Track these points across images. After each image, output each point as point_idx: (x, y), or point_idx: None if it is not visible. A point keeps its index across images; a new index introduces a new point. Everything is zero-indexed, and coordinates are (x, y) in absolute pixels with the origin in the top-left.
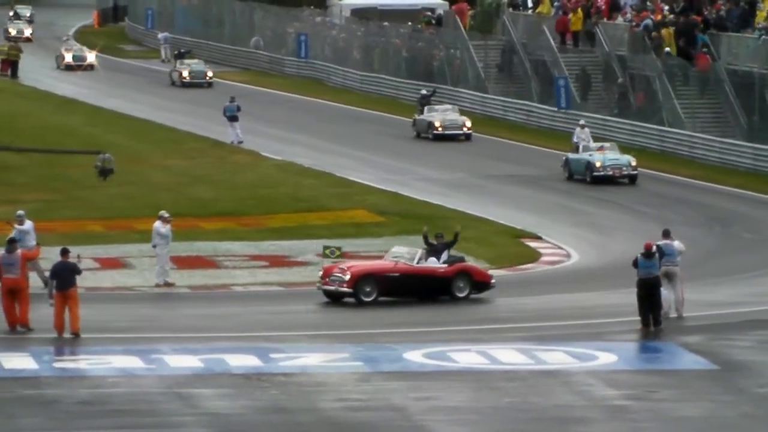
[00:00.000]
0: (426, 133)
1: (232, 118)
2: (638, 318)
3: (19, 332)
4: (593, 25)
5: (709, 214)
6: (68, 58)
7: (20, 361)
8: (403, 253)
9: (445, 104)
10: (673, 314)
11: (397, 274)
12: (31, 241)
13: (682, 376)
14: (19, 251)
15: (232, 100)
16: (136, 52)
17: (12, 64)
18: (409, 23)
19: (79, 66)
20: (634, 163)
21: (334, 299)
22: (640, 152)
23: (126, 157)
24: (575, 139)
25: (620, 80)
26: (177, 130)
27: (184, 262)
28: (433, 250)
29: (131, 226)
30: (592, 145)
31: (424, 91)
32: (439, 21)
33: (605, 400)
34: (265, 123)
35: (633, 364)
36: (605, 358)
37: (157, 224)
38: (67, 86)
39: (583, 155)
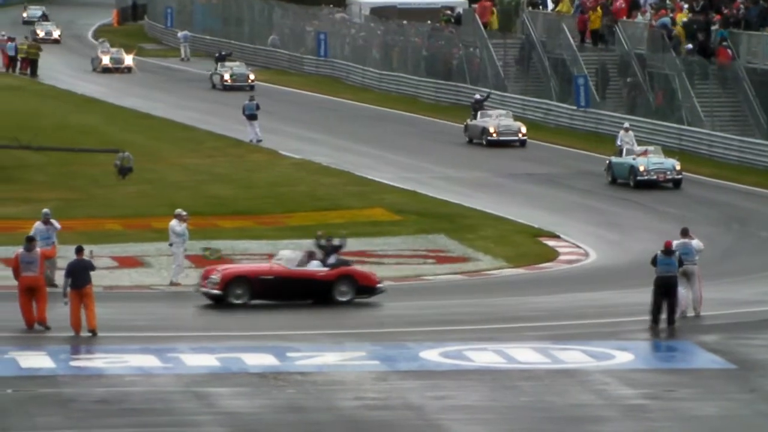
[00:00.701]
0: (479, 139)
1: (251, 117)
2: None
3: (36, 331)
4: (609, 24)
5: (728, 212)
6: (106, 60)
7: (37, 360)
8: (286, 256)
9: (498, 109)
10: (690, 313)
11: (271, 277)
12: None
13: (699, 375)
14: (38, 249)
15: (252, 98)
16: (156, 51)
17: (31, 63)
18: (429, 21)
19: (116, 69)
20: (678, 167)
21: (214, 301)
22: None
23: (144, 155)
24: (618, 142)
25: (629, 79)
26: (195, 128)
27: (202, 261)
28: (325, 254)
29: (149, 225)
30: (636, 148)
31: (477, 96)
32: (459, 19)
33: (622, 399)
34: (283, 121)
35: (650, 363)
36: (622, 357)
37: (173, 223)
38: (86, 85)
39: (627, 159)
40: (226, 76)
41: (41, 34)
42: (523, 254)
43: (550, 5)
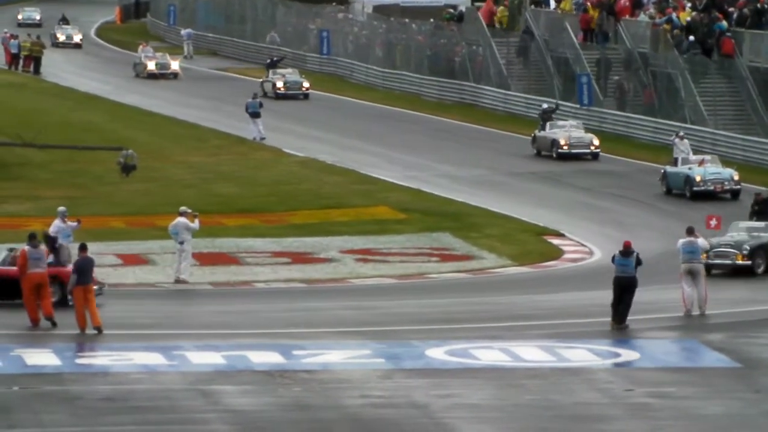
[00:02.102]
0: (549, 152)
1: (255, 115)
2: (662, 315)
3: (42, 328)
4: (600, 23)
5: (732, 211)
6: (151, 66)
7: (43, 357)
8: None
9: (569, 120)
10: (696, 312)
11: None
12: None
13: (705, 374)
14: (43, 246)
15: (255, 96)
16: (159, 49)
17: (35, 60)
18: (431, 20)
19: (162, 75)
20: (736, 177)
21: None
22: (662, 150)
23: (148, 153)
24: (675, 153)
25: (617, 77)
26: (199, 126)
27: (206, 259)
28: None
29: (153, 223)
30: (692, 157)
31: (545, 105)
32: (461, 17)
33: (627, 397)
34: (287, 119)
35: (655, 362)
36: (627, 356)
37: (183, 220)
38: (89, 82)
39: (682, 169)
40: (279, 84)
41: (62, 38)
42: (528, 252)
43: (553, 4)
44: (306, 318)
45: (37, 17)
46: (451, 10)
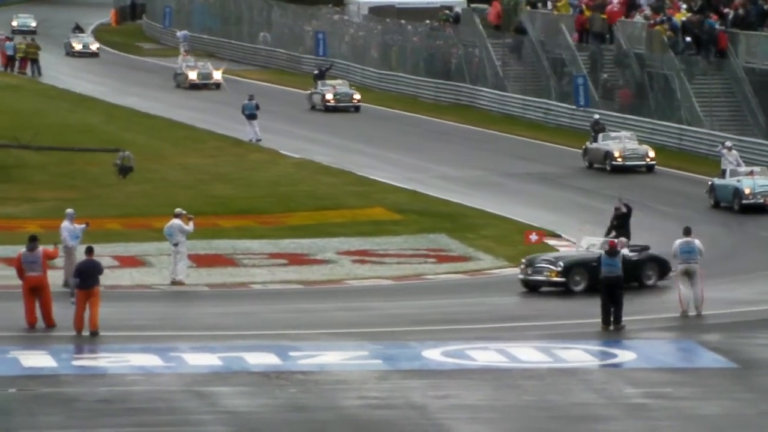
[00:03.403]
0: (602, 164)
1: (251, 117)
2: (658, 316)
3: (38, 330)
4: (603, 24)
5: (728, 212)
6: (192, 76)
7: (39, 359)
8: None
9: (620, 131)
10: (692, 312)
11: None
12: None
13: (701, 375)
14: (40, 249)
15: (251, 98)
16: (154, 50)
17: (32, 62)
18: (427, 21)
19: (204, 85)
20: None
21: None
22: (659, 150)
23: (145, 155)
24: (723, 164)
25: (605, 75)
26: (196, 128)
27: (203, 260)
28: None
29: (150, 225)
30: (741, 169)
31: (596, 116)
32: (458, 19)
33: (624, 398)
34: (283, 121)
35: (652, 362)
36: (624, 356)
37: (178, 222)
38: (86, 84)
39: (731, 181)
40: (329, 96)
41: (78, 47)
42: (524, 253)
43: (550, 4)
44: (302, 319)
45: (33, 24)
46: (447, 12)
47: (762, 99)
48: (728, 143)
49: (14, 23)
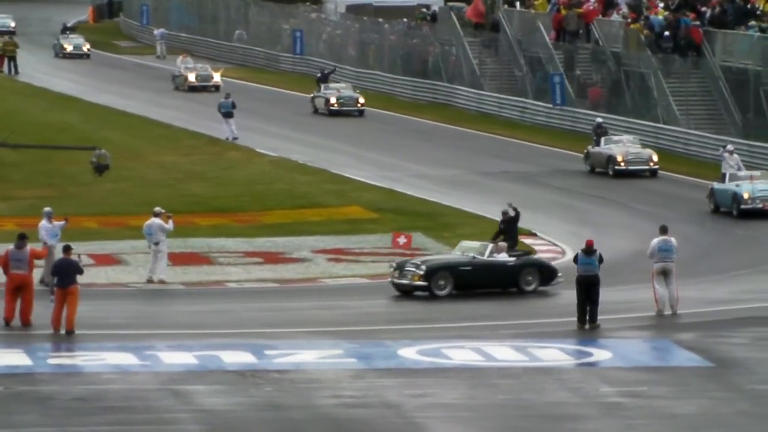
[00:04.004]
0: (604, 169)
1: (227, 115)
2: (634, 315)
3: (13, 328)
4: (578, 22)
5: (704, 210)
6: (192, 78)
7: (14, 358)
8: None
9: (622, 134)
10: (667, 311)
11: None
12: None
13: (677, 373)
14: (28, 248)
15: (227, 96)
16: (131, 48)
17: (10, 60)
18: (404, 19)
19: (204, 87)
20: None
21: None
22: None
23: (121, 153)
24: (723, 168)
25: (578, 72)
26: (172, 126)
27: (178, 259)
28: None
29: (126, 223)
30: (741, 173)
31: (598, 120)
32: (435, 17)
33: (599, 397)
34: (260, 119)
35: (627, 361)
36: (600, 355)
37: (157, 221)
38: (62, 82)
39: (730, 186)
40: (333, 100)
41: (69, 48)
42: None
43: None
44: (278, 318)
45: (12, 24)
46: (425, 10)
47: (738, 98)
48: (729, 147)
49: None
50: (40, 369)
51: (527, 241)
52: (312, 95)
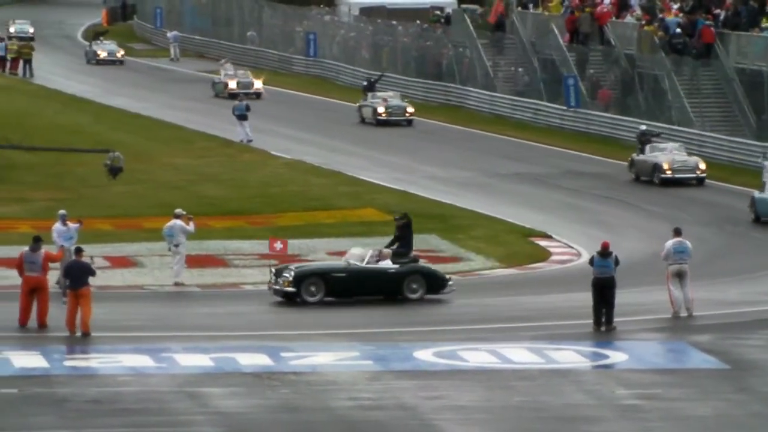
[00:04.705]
0: (649, 177)
1: (242, 117)
2: (649, 317)
3: (30, 330)
4: (592, 25)
5: (719, 213)
6: (232, 85)
7: (31, 360)
8: None
9: (669, 142)
10: (683, 313)
11: None
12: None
13: (693, 375)
14: (42, 250)
15: (241, 98)
16: (145, 51)
17: (25, 62)
18: (418, 22)
19: (245, 95)
20: None
21: None
22: None
23: (135, 155)
24: (764, 177)
25: (591, 71)
26: (186, 128)
27: (194, 261)
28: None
29: (140, 225)
30: None
31: (643, 127)
32: (448, 19)
33: (615, 399)
34: (274, 122)
35: (643, 363)
36: (616, 357)
37: (179, 222)
38: (76, 85)
39: None
40: (380, 110)
41: (103, 54)
42: (515, 254)
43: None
44: (294, 320)
45: (30, 30)
46: (438, 12)
47: (753, 99)
48: None
49: (11, 29)
50: (56, 371)
51: (542, 243)
52: (358, 104)
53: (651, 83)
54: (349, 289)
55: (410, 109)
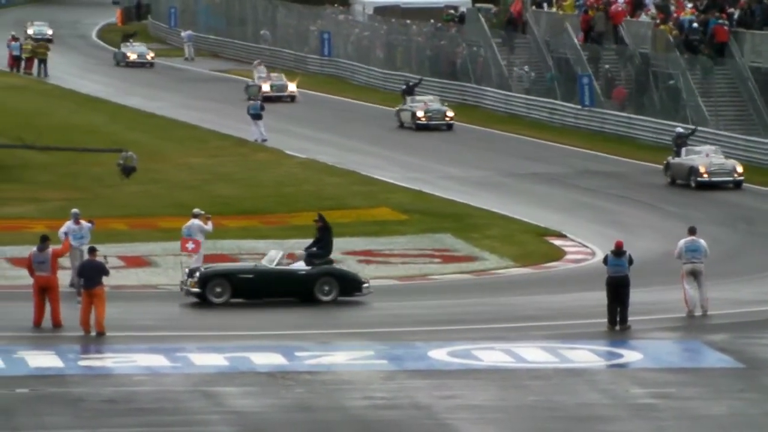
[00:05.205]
0: (686, 180)
1: (256, 116)
2: (664, 316)
3: (45, 330)
4: (606, 24)
5: (734, 212)
6: (266, 88)
7: (46, 359)
8: None
9: (706, 145)
10: (698, 312)
11: None
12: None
13: (707, 375)
14: (50, 249)
15: (256, 98)
16: (159, 51)
17: (40, 62)
18: (432, 21)
19: (278, 97)
20: None
21: None
22: (663, 150)
23: (148, 155)
24: None
25: (607, 66)
26: (200, 128)
27: (208, 260)
28: None
29: (155, 225)
30: None
31: (679, 129)
32: (462, 19)
33: (630, 398)
34: (289, 121)
35: (658, 362)
36: (630, 356)
37: (198, 222)
38: (90, 84)
39: None
40: (420, 114)
41: (133, 57)
42: (530, 253)
43: (546, 6)
44: (308, 319)
45: (49, 32)
46: (452, 11)
47: (767, 98)
48: None
49: (30, 31)
50: (71, 371)
51: (557, 242)
52: (397, 108)
53: (665, 82)
54: (256, 290)
55: (450, 114)
